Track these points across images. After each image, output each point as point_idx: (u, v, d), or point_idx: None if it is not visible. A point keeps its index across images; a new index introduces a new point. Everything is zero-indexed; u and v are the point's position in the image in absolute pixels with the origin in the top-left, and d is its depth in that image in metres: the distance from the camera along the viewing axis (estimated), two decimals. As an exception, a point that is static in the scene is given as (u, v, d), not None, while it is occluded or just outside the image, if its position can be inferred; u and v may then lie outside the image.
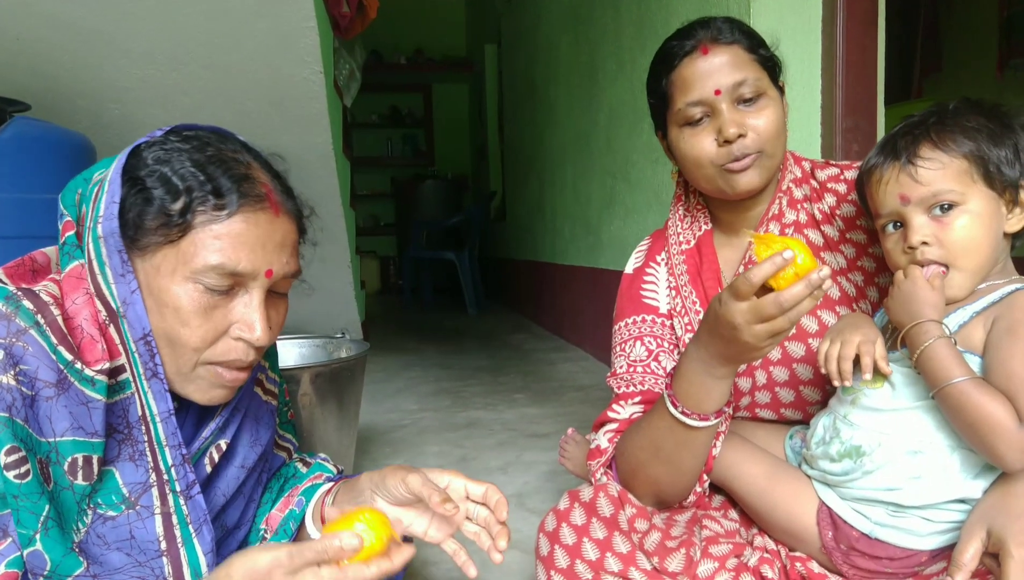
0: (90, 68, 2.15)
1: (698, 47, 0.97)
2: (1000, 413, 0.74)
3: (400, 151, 8.60)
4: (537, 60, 4.77)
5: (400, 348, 4.18)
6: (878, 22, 1.79)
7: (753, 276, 0.74)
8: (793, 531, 0.93)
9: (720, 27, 0.99)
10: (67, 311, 0.73)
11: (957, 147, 0.83)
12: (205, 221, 0.72)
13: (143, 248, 0.73)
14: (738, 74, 0.96)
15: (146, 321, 0.73)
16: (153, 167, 0.74)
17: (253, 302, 0.76)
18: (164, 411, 0.76)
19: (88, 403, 0.71)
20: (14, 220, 1.57)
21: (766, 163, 0.98)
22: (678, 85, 0.99)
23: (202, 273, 0.72)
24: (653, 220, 2.73)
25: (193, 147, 0.76)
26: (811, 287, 0.72)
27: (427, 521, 0.86)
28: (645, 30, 2.71)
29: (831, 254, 1.04)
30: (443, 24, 8.34)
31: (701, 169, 1.00)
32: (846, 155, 1.80)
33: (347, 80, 2.80)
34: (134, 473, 0.76)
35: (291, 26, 2.07)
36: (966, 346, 0.82)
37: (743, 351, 0.80)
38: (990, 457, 0.77)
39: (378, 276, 8.14)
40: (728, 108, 0.96)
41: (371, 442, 2.29)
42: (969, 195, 0.83)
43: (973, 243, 0.83)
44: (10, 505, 0.66)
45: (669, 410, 0.90)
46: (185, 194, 0.72)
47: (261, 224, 0.75)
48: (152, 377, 0.75)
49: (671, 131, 1.03)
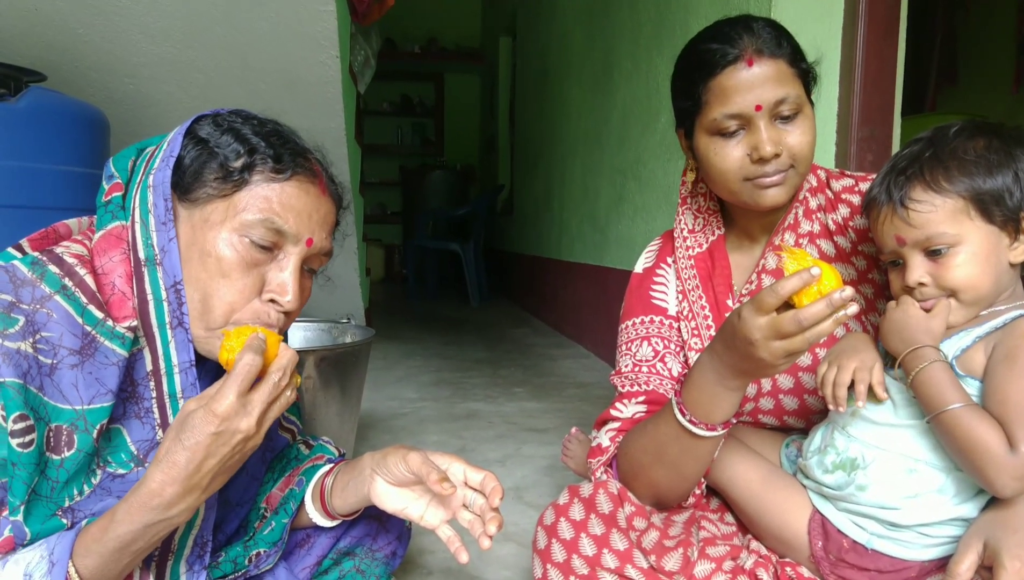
0: (106, 42, 2.15)
1: (743, 57, 0.92)
2: (991, 439, 0.75)
3: (410, 140, 8.58)
4: (551, 54, 4.76)
5: (402, 337, 4.19)
6: (899, 32, 1.78)
7: (780, 289, 0.72)
8: (783, 538, 0.94)
9: (765, 36, 0.93)
10: (97, 269, 0.75)
11: (951, 186, 0.82)
12: (261, 180, 0.76)
13: (194, 200, 0.76)
14: (780, 91, 0.92)
15: (179, 270, 0.75)
16: (217, 131, 0.78)
17: (289, 267, 0.79)
18: (185, 361, 0.76)
19: (114, 362, 0.72)
20: (27, 190, 1.57)
21: (795, 180, 0.96)
22: (717, 94, 0.94)
23: (250, 226, 0.75)
24: (662, 220, 2.73)
25: (256, 123, 0.80)
26: (832, 306, 0.70)
27: (424, 505, 0.87)
28: (663, 30, 2.70)
29: (842, 265, 1.04)
30: (458, 14, 8.32)
31: (727, 182, 0.98)
32: (860, 164, 1.79)
33: (362, 67, 2.80)
34: (141, 430, 0.77)
35: (309, 9, 2.07)
36: (967, 371, 0.82)
37: (758, 367, 0.78)
38: (981, 481, 0.78)
39: (383, 264, 8.15)
40: (766, 125, 0.92)
41: (371, 429, 2.30)
42: (965, 234, 0.82)
43: (971, 281, 0.83)
44: (8, 473, 0.66)
45: (676, 417, 0.89)
46: (247, 154, 0.76)
47: (311, 194, 0.80)
48: (178, 326, 0.75)
49: (699, 136, 0.99)
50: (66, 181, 1.64)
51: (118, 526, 0.66)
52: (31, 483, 0.68)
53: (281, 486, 0.98)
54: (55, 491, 0.71)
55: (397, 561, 1.06)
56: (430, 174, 7.00)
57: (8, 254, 0.74)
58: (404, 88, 8.44)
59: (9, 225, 1.52)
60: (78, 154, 1.68)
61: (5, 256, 0.74)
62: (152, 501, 0.65)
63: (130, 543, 0.67)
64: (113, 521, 0.66)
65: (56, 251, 0.75)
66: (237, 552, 0.92)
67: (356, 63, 2.77)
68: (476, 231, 5.87)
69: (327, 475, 0.94)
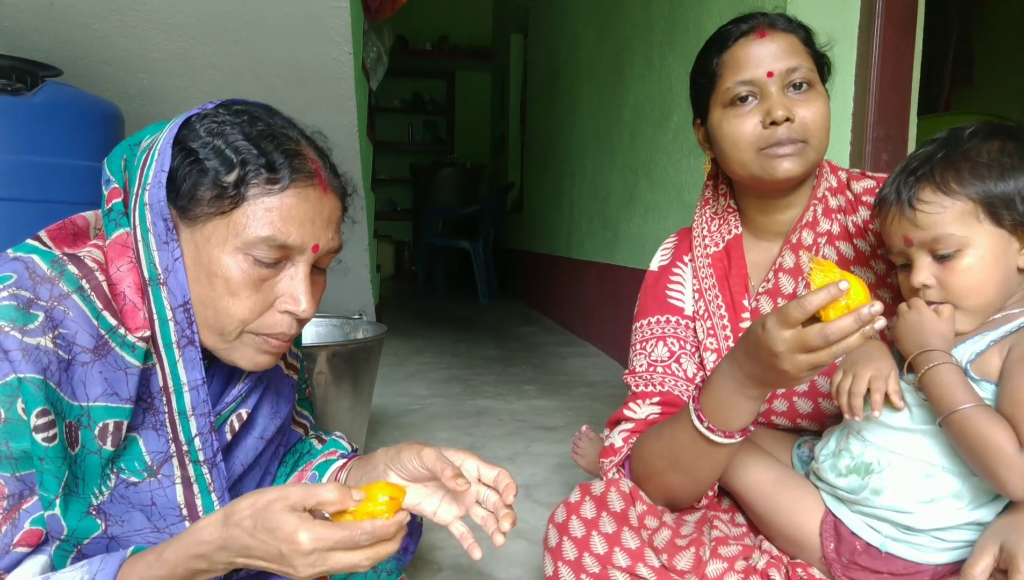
0: (121, 37, 2.16)
1: (755, 29, 0.97)
2: (1002, 439, 0.74)
3: (420, 137, 8.60)
4: (563, 52, 4.75)
5: (412, 333, 4.20)
6: (916, 30, 1.76)
7: (808, 303, 0.71)
8: (795, 539, 0.93)
9: (777, 17, 1.00)
10: (111, 277, 0.74)
11: (961, 188, 0.81)
12: (257, 194, 0.73)
13: (194, 218, 0.74)
14: (792, 60, 0.95)
15: (187, 289, 0.74)
16: (206, 139, 0.74)
17: (299, 276, 0.77)
18: (195, 379, 0.76)
19: (126, 369, 0.72)
20: (43, 184, 1.58)
21: (810, 155, 0.96)
22: (730, 64, 0.98)
23: (253, 245, 0.73)
24: (674, 219, 2.72)
25: (244, 121, 0.76)
26: (860, 322, 0.69)
27: (437, 500, 0.87)
28: (676, 28, 2.69)
29: (861, 269, 1.03)
30: (470, 12, 8.32)
31: (739, 152, 0.98)
32: (875, 163, 1.78)
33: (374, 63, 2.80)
34: (156, 442, 0.77)
35: (323, 5, 2.07)
36: (983, 374, 0.81)
37: (780, 378, 0.77)
38: (992, 483, 0.77)
39: (393, 261, 8.17)
40: (778, 92, 0.95)
41: (381, 425, 2.30)
42: (974, 237, 0.81)
43: (977, 286, 0.82)
44: (35, 467, 0.67)
45: (694, 423, 0.88)
46: (239, 166, 0.73)
47: (311, 199, 0.76)
48: (188, 345, 0.75)
49: (713, 113, 1.01)
50: (82, 175, 1.65)
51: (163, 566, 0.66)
52: (62, 477, 0.68)
53: (293, 480, 0.98)
54: (80, 487, 0.71)
55: (408, 557, 1.05)
56: (440, 171, 7.02)
57: (28, 245, 0.75)
58: (415, 85, 8.46)
59: (25, 219, 1.53)
60: (93, 148, 1.69)
61: (25, 248, 0.74)
62: (199, 549, 0.65)
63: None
64: (159, 560, 0.66)
65: (79, 253, 0.75)
66: (249, 546, 0.92)
67: (368, 59, 2.77)
68: (486, 229, 5.87)
69: (340, 470, 0.94)
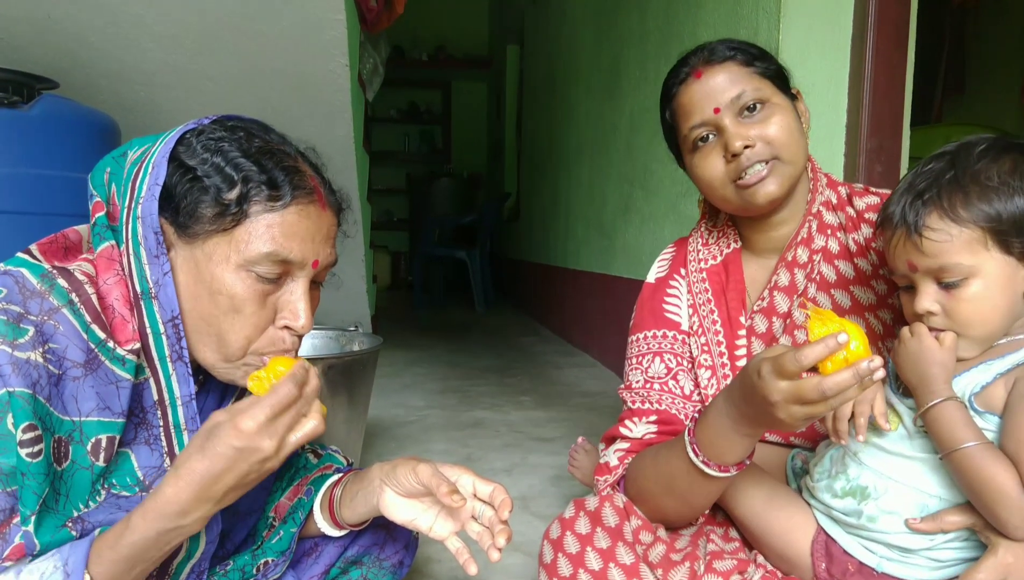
0: (118, 50, 2.17)
1: (692, 73, 0.98)
2: (1005, 480, 0.74)
3: (417, 147, 8.61)
4: (559, 62, 4.77)
5: (408, 344, 4.19)
6: (909, 42, 1.77)
7: (804, 358, 0.69)
8: (786, 556, 0.93)
9: (713, 48, 0.99)
10: (100, 290, 0.74)
11: (969, 214, 0.78)
12: (260, 211, 0.74)
13: (193, 236, 0.74)
14: (734, 89, 0.95)
15: (175, 304, 0.74)
16: (204, 156, 0.74)
17: (298, 291, 0.78)
18: (186, 394, 0.76)
19: (117, 383, 0.72)
20: (39, 196, 1.58)
21: (785, 170, 0.96)
22: (679, 112, 1.00)
23: (256, 261, 0.74)
24: (670, 229, 2.73)
25: (241, 137, 0.77)
26: (858, 377, 0.67)
27: (433, 516, 0.87)
28: (671, 38, 2.70)
29: (861, 289, 1.01)
30: (466, 22, 8.35)
31: (715, 190, 0.99)
32: (869, 175, 1.79)
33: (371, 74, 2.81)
34: (149, 457, 0.76)
35: (319, 17, 2.08)
36: (987, 407, 0.80)
37: (775, 424, 0.76)
38: (993, 522, 0.76)
39: (389, 271, 8.16)
40: (732, 123, 0.95)
41: (377, 437, 2.30)
42: (981, 265, 0.79)
43: (982, 315, 0.80)
44: (19, 483, 0.66)
45: (689, 456, 0.87)
46: (241, 184, 0.73)
47: (311, 216, 0.77)
48: (177, 359, 0.75)
49: (684, 158, 1.03)
50: (78, 188, 1.64)
51: (132, 533, 0.66)
52: (41, 493, 0.68)
53: (289, 495, 0.98)
54: (61, 503, 0.71)
55: (404, 570, 1.05)
56: (437, 181, 7.02)
57: (18, 259, 0.75)
58: (412, 95, 8.47)
59: (21, 231, 1.53)
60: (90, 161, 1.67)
61: (15, 261, 0.74)
62: (167, 507, 0.65)
63: (143, 551, 0.67)
64: (128, 528, 0.66)
65: (69, 267, 0.75)
66: (245, 561, 0.92)
67: (365, 71, 2.78)
68: (482, 238, 5.87)
69: (336, 485, 0.94)
